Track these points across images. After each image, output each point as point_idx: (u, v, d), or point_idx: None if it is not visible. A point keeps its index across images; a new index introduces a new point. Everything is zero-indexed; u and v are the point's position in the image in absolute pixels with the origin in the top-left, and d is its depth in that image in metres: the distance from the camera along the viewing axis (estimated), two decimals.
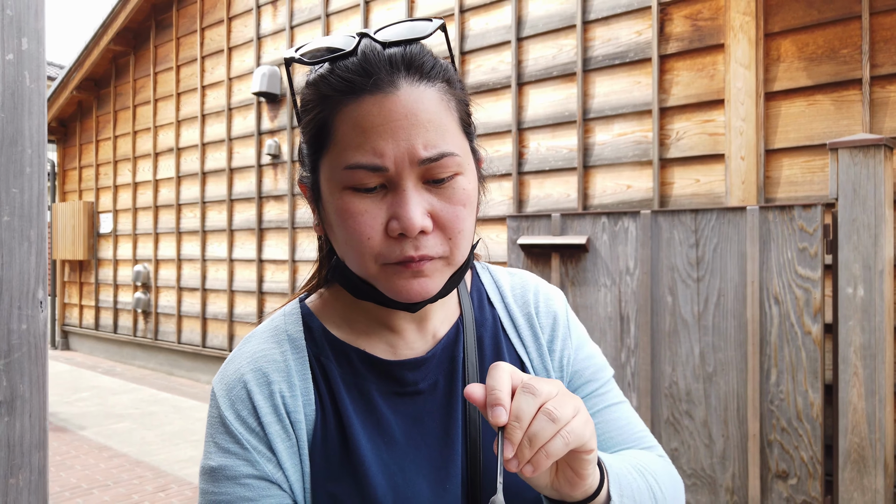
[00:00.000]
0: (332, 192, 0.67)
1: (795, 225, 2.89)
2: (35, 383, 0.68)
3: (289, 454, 0.69)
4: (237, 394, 0.70)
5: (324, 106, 0.67)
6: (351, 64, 0.65)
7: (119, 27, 7.80)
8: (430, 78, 0.67)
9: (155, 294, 7.76)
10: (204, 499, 0.69)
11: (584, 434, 0.58)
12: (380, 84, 0.64)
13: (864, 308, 2.72)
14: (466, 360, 0.76)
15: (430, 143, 0.65)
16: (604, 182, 4.12)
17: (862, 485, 2.72)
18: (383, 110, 0.64)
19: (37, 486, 0.67)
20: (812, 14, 3.35)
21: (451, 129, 0.67)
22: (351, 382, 0.73)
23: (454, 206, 0.67)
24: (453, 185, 0.67)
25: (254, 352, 0.74)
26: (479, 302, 0.83)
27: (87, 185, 8.97)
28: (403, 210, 0.64)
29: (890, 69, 3.13)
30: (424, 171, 0.65)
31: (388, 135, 0.63)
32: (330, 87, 0.66)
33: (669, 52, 3.84)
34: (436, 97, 0.66)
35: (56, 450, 4.85)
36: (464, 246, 0.69)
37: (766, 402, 2.95)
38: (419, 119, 0.64)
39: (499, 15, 4.68)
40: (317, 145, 0.69)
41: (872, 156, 2.72)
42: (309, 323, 0.77)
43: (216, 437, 0.70)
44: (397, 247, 0.65)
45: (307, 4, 6.10)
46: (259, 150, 6.51)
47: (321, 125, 0.67)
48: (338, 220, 0.67)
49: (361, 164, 0.64)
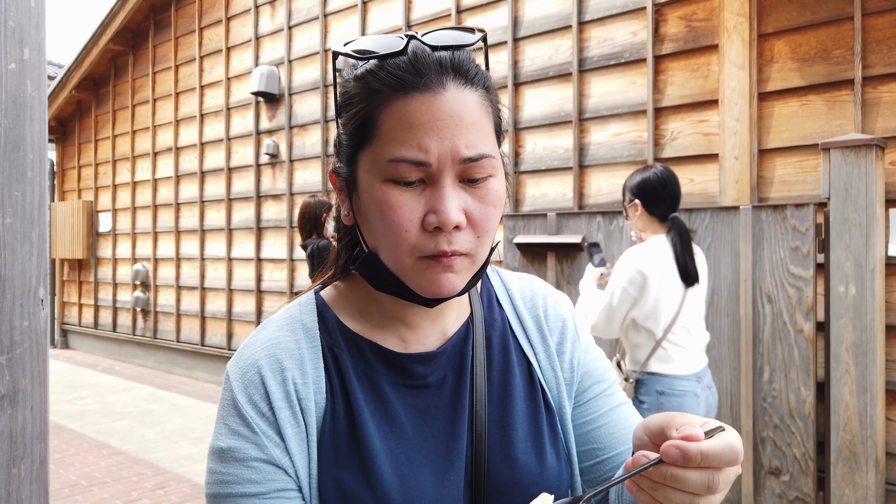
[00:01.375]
0: (371, 184, 0.69)
1: (788, 224, 2.92)
2: (36, 378, 0.71)
3: (297, 440, 0.71)
4: (250, 378, 0.73)
5: (371, 100, 0.70)
6: (402, 62, 0.68)
7: (118, 27, 7.81)
8: (474, 83, 0.70)
9: (154, 293, 7.78)
10: (211, 478, 0.71)
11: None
12: (429, 84, 0.67)
13: (855, 306, 2.75)
14: (475, 357, 0.79)
15: (472, 144, 0.68)
16: (599, 181, 4.15)
17: (853, 481, 2.75)
18: (431, 109, 0.67)
19: (38, 475, 0.70)
20: (805, 15, 3.37)
21: (489, 133, 0.71)
22: (362, 372, 0.76)
23: (486, 207, 0.70)
24: (487, 186, 0.70)
25: (269, 338, 0.76)
26: (488, 303, 0.85)
27: (86, 184, 8.99)
28: (441, 205, 0.67)
29: (882, 70, 3.16)
30: (463, 170, 0.68)
31: (434, 132, 0.67)
32: (379, 82, 0.69)
33: (664, 52, 3.86)
34: (477, 102, 0.70)
35: (56, 447, 4.87)
36: (487, 245, 0.72)
37: (758, 400, 2.98)
38: (463, 120, 0.68)
39: (495, 15, 4.71)
40: (359, 138, 0.71)
41: (864, 156, 2.75)
42: (323, 313, 0.79)
43: (227, 419, 0.72)
44: (432, 240, 0.68)
45: (305, 5, 6.12)
46: (257, 149, 6.53)
47: (366, 118, 0.70)
48: (376, 211, 0.69)
49: (406, 158, 0.67)
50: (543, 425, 0.79)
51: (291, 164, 6.22)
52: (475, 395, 0.77)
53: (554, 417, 0.81)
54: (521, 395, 0.80)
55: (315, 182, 6.01)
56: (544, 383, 0.82)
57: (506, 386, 0.80)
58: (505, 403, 0.79)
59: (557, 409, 0.82)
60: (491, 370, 0.80)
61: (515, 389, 0.80)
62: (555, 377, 0.83)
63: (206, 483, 0.73)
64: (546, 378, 0.83)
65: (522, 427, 0.78)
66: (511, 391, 0.79)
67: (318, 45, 5.97)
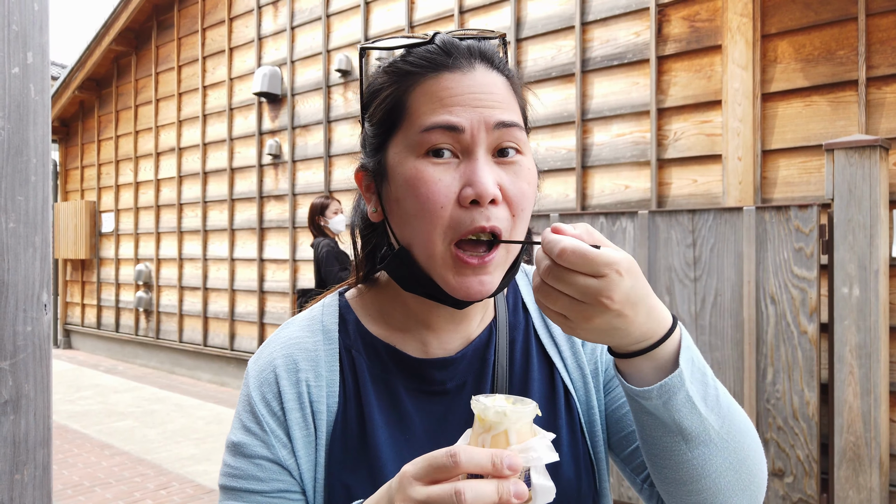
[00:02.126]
0: (402, 164, 0.69)
1: (791, 225, 2.91)
2: (39, 383, 0.71)
3: (304, 443, 0.72)
4: (266, 377, 0.74)
5: (400, 83, 0.71)
6: (431, 47, 0.70)
7: (121, 27, 7.83)
8: (500, 69, 0.72)
9: (156, 293, 7.79)
10: (223, 469, 0.73)
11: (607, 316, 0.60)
12: (459, 64, 0.69)
13: (859, 308, 2.74)
14: (497, 363, 0.78)
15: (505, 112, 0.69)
16: (602, 182, 4.15)
17: (857, 483, 2.74)
18: (462, 84, 0.68)
19: (41, 481, 0.70)
20: (809, 16, 3.36)
21: (518, 112, 0.73)
22: (378, 377, 0.75)
23: (520, 182, 0.70)
24: (519, 162, 0.70)
25: (288, 338, 0.77)
26: (514, 306, 0.84)
27: (89, 184, 9.01)
28: (478, 176, 0.66)
29: (886, 70, 3.15)
30: (497, 138, 0.68)
31: (466, 102, 0.68)
32: (409, 65, 0.70)
33: (667, 53, 3.86)
34: (504, 84, 0.72)
35: (58, 448, 4.88)
36: (522, 227, 0.71)
37: (762, 401, 2.98)
38: (493, 96, 0.69)
39: (498, 16, 4.71)
40: (388, 123, 0.72)
41: (868, 156, 2.74)
42: (345, 315, 0.79)
43: (242, 414, 0.74)
44: (468, 216, 0.67)
45: (308, 5, 6.12)
46: (260, 149, 6.53)
47: (395, 102, 0.71)
48: (409, 190, 0.68)
49: (438, 124, 0.67)
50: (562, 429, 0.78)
51: (294, 165, 6.22)
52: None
53: (575, 421, 0.79)
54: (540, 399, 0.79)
55: (318, 182, 6.01)
56: (570, 384, 0.81)
57: (525, 391, 0.79)
58: None
59: (585, 410, 0.80)
60: (512, 375, 0.79)
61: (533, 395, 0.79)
62: (581, 376, 0.81)
63: (219, 474, 0.74)
64: (573, 378, 0.81)
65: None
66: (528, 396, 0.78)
67: (321, 46, 5.97)
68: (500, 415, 0.57)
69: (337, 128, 5.87)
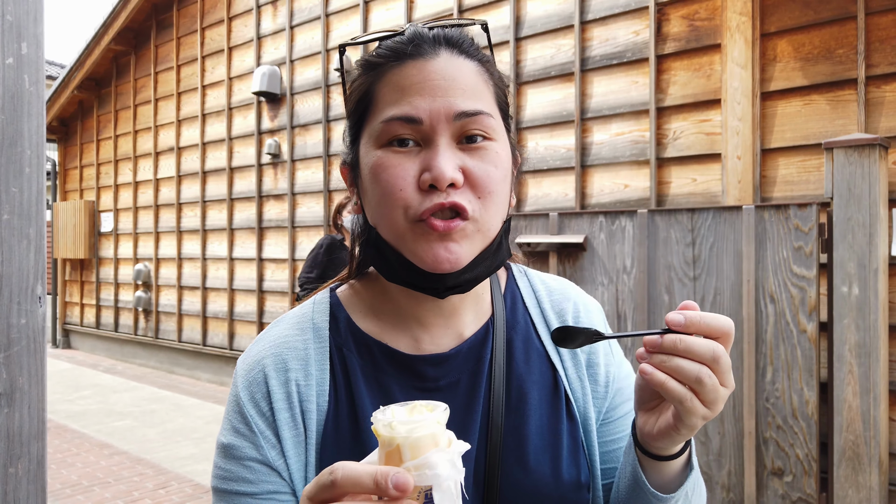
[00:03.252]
0: (368, 154, 0.70)
1: (791, 224, 2.91)
2: (34, 376, 0.70)
3: (293, 442, 0.71)
4: (254, 376, 0.73)
5: (368, 74, 0.71)
6: (399, 38, 0.71)
7: (120, 27, 7.82)
8: (468, 54, 0.71)
9: (156, 293, 7.78)
10: (215, 471, 0.73)
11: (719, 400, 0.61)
12: (422, 52, 0.69)
13: (858, 306, 2.73)
14: (494, 360, 0.76)
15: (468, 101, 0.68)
16: (601, 181, 4.14)
17: (856, 482, 2.74)
18: (423, 72, 0.68)
19: (35, 475, 0.69)
20: (808, 14, 3.36)
21: (488, 99, 0.70)
22: (370, 375, 0.74)
23: (486, 165, 0.68)
24: (486, 147, 0.69)
25: (277, 336, 0.76)
26: (511, 304, 0.82)
27: (88, 184, 9.00)
28: (434, 161, 0.66)
29: (885, 69, 3.14)
30: (459, 128, 0.67)
31: (426, 92, 0.67)
32: (377, 57, 0.71)
33: (666, 52, 3.85)
34: (473, 69, 0.70)
35: (57, 447, 4.87)
36: (493, 212, 0.69)
37: (761, 400, 2.97)
38: (457, 83, 0.68)
39: (497, 15, 4.70)
40: (358, 114, 0.72)
41: (867, 155, 2.73)
42: (336, 313, 0.78)
43: (231, 415, 0.73)
44: (427, 199, 0.66)
45: (307, 4, 6.11)
46: (259, 149, 6.53)
47: (364, 92, 0.71)
48: (371, 177, 0.68)
49: (396, 116, 0.67)
50: (563, 435, 0.76)
51: (293, 164, 6.22)
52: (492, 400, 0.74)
53: (577, 429, 0.78)
54: (542, 403, 0.77)
55: (317, 182, 6.01)
56: (570, 392, 0.79)
57: (524, 393, 0.76)
58: (521, 410, 0.75)
59: (583, 420, 0.78)
60: (510, 375, 0.77)
61: (534, 397, 0.76)
62: (581, 387, 0.79)
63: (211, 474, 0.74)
64: (573, 387, 0.79)
65: (539, 437, 0.75)
66: (529, 398, 0.76)
67: (320, 45, 5.97)
68: (387, 428, 0.51)
69: (336, 127, 5.87)
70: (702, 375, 0.59)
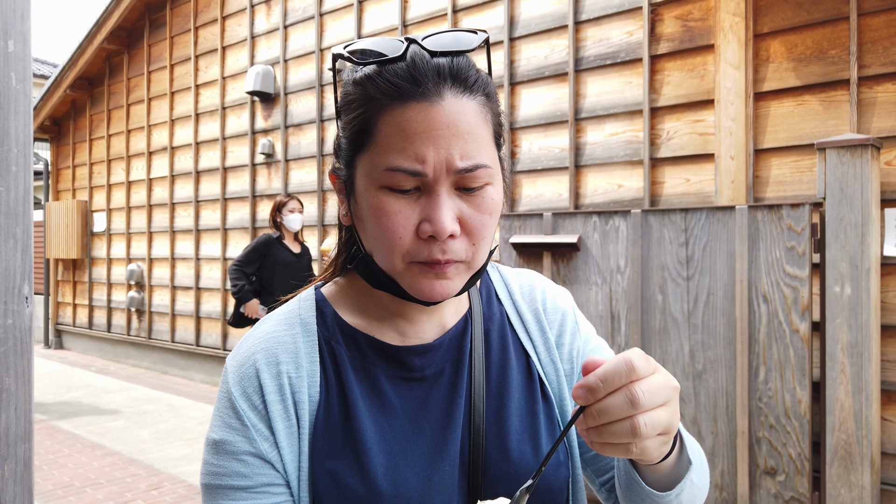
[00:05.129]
0: (367, 190, 0.70)
1: (784, 224, 2.92)
2: (21, 377, 0.69)
3: (287, 434, 0.72)
4: (245, 371, 0.74)
5: (368, 106, 0.69)
6: (399, 69, 0.68)
7: (113, 26, 7.79)
8: (473, 91, 0.70)
9: (149, 293, 7.75)
10: (205, 468, 0.73)
11: (666, 424, 0.59)
12: (426, 93, 0.67)
13: (851, 306, 2.74)
14: (473, 350, 0.80)
15: (467, 154, 0.68)
16: (595, 181, 4.15)
17: (849, 481, 2.75)
18: (427, 118, 0.67)
19: (22, 476, 0.69)
20: (801, 15, 3.37)
21: (486, 141, 0.70)
22: (359, 366, 0.77)
23: (482, 215, 0.70)
24: (483, 195, 0.70)
25: (266, 332, 0.78)
26: (487, 297, 0.86)
27: (81, 183, 8.96)
28: (436, 214, 0.67)
29: (877, 70, 3.16)
30: (458, 180, 0.68)
31: (431, 142, 0.66)
32: (377, 90, 0.69)
33: (660, 52, 3.86)
34: (476, 110, 0.69)
35: (49, 448, 4.85)
36: (483, 251, 0.73)
37: (754, 400, 2.98)
38: (459, 130, 0.68)
39: (491, 15, 4.70)
40: (357, 143, 0.71)
41: (860, 155, 2.75)
42: (322, 308, 0.80)
43: (222, 411, 0.74)
44: (426, 248, 0.68)
45: (301, 4, 6.10)
46: (253, 149, 6.51)
47: (364, 125, 0.70)
48: (371, 216, 0.70)
49: (403, 168, 0.67)
50: (540, 417, 0.80)
51: (287, 164, 6.20)
52: (473, 387, 0.77)
53: (552, 410, 0.82)
54: (519, 387, 0.81)
55: (311, 182, 6.00)
56: (544, 376, 0.83)
57: (503, 379, 0.80)
58: (502, 396, 0.79)
59: (558, 401, 0.83)
60: (489, 363, 0.81)
61: (512, 382, 0.81)
62: (554, 370, 0.84)
63: (200, 473, 0.74)
64: (546, 371, 0.83)
65: (519, 419, 0.79)
66: (508, 384, 0.80)
67: (314, 45, 5.96)
68: None
69: (330, 127, 5.86)
70: (635, 426, 0.57)
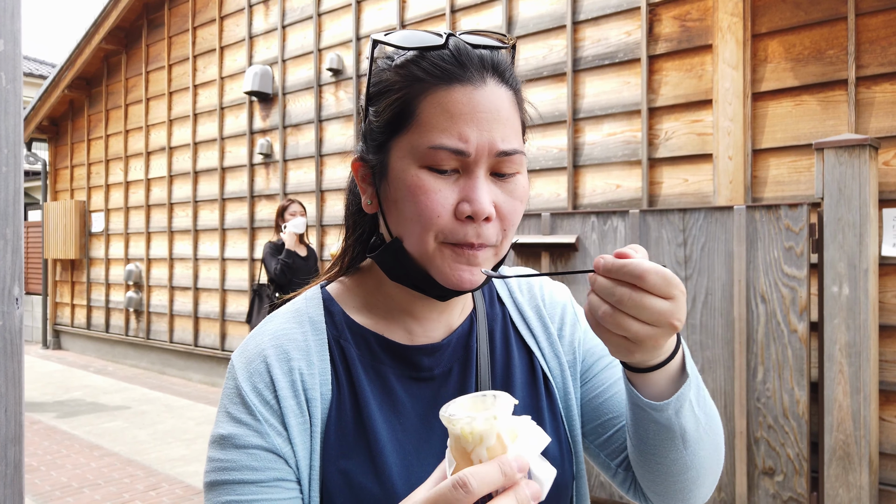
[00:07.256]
0: (405, 170, 0.70)
1: (782, 224, 2.92)
2: (11, 379, 0.69)
3: (299, 430, 0.71)
4: (256, 367, 0.73)
5: (412, 88, 0.70)
6: (444, 55, 0.70)
7: (111, 26, 7.78)
8: (509, 83, 0.73)
9: (147, 293, 7.74)
10: (210, 466, 0.71)
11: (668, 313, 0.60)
12: (472, 78, 0.69)
13: (849, 306, 2.74)
14: (479, 350, 0.80)
15: (507, 139, 0.70)
16: (593, 181, 4.14)
17: (847, 481, 2.75)
18: (472, 100, 0.69)
19: (12, 479, 0.68)
20: (799, 15, 3.37)
21: (519, 131, 0.74)
22: (369, 365, 0.77)
23: (514, 201, 0.72)
24: (515, 181, 0.72)
25: (275, 330, 0.77)
26: (489, 298, 0.88)
27: (79, 184, 8.94)
28: (476, 195, 0.68)
29: (875, 70, 3.16)
30: (496, 163, 0.70)
31: (475, 123, 0.68)
32: (422, 71, 0.70)
33: (658, 52, 3.86)
34: (511, 100, 0.73)
35: (47, 449, 4.84)
36: (510, 238, 0.74)
37: (752, 400, 2.98)
38: (500, 115, 0.70)
39: (489, 15, 4.70)
40: (395, 125, 0.72)
41: (857, 156, 2.74)
42: (329, 307, 0.80)
43: (230, 407, 0.72)
44: (461, 230, 0.69)
45: (299, 4, 6.10)
46: (251, 149, 6.50)
47: (404, 106, 0.71)
48: (408, 196, 0.70)
49: (447, 146, 0.68)
50: (545, 412, 0.81)
51: (285, 164, 6.20)
52: (480, 387, 0.78)
53: (556, 405, 0.83)
54: (523, 385, 0.82)
55: (309, 182, 5.99)
56: (548, 371, 0.84)
57: (508, 378, 0.81)
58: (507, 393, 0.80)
59: (562, 396, 0.84)
60: (494, 362, 0.82)
61: (517, 380, 0.81)
62: (559, 364, 0.85)
63: (204, 472, 0.73)
64: (550, 366, 0.84)
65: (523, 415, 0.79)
66: (513, 382, 0.81)
67: (312, 45, 5.95)
68: (488, 420, 0.53)
69: (328, 127, 5.85)
70: (620, 295, 0.59)
